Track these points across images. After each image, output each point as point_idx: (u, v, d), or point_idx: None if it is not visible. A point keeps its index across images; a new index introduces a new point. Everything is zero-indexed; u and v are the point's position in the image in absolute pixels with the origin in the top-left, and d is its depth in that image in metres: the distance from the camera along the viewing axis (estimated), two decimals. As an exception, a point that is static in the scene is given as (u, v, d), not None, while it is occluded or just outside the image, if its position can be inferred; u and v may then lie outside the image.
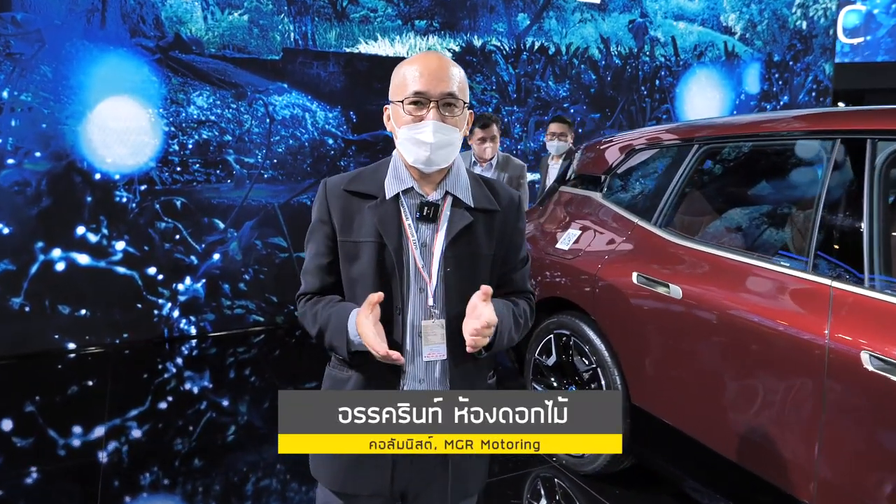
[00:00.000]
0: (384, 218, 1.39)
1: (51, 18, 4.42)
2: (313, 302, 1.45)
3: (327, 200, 1.43)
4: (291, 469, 3.12)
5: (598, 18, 6.56)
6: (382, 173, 1.43)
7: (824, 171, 2.01)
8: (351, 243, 1.41)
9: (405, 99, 1.34)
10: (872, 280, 1.81)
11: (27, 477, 3.07)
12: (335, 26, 5.33)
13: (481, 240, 1.43)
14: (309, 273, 1.47)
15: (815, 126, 2.18)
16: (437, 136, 1.33)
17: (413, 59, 1.39)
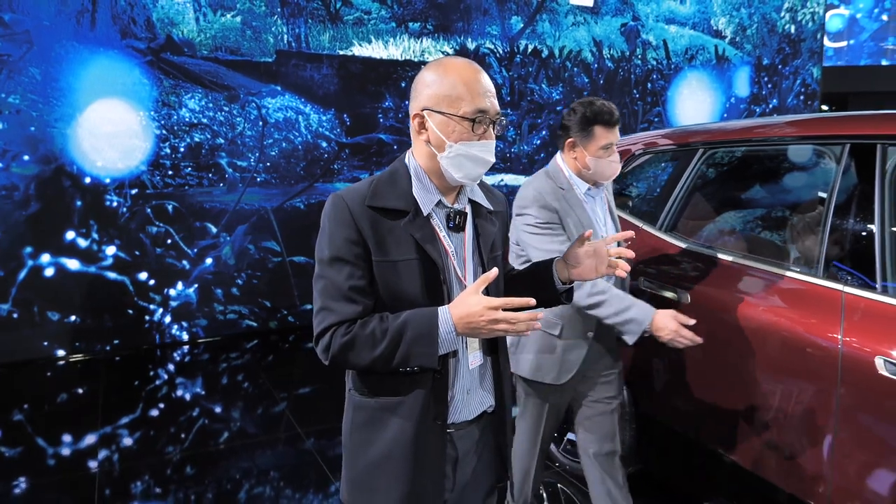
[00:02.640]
0: (424, 233, 1.35)
1: (40, 19, 4.37)
2: (360, 325, 1.32)
3: (354, 219, 1.33)
4: (285, 476, 3.13)
5: (590, 22, 6.62)
6: (403, 185, 1.38)
7: (834, 176, 2.01)
8: (390, 262, 1.33)
9: (473, 116, 1.32)
10: (885, 285, 1.81)
11: (21, 487, 3.04)
12: (329, 28, 5.33)
13: (498, 241, 1.49)
14: (341, 299, 1.33)
15: (824, 131, 2.18)
16: (494, 154, 1.38)
17: (458, 68, 1.35)
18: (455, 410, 1.41)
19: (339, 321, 1.31)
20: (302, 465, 3.23)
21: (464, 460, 1.45)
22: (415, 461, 1.37)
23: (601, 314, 2.04)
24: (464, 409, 1.42)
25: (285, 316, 5.40)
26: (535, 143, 6.38)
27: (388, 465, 1.38)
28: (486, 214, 1.46)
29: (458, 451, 1.44)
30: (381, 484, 1.39)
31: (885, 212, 1.85)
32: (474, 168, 1.35)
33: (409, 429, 1.36)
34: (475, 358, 1.41)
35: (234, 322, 5.21)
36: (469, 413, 1.43)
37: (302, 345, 5.16)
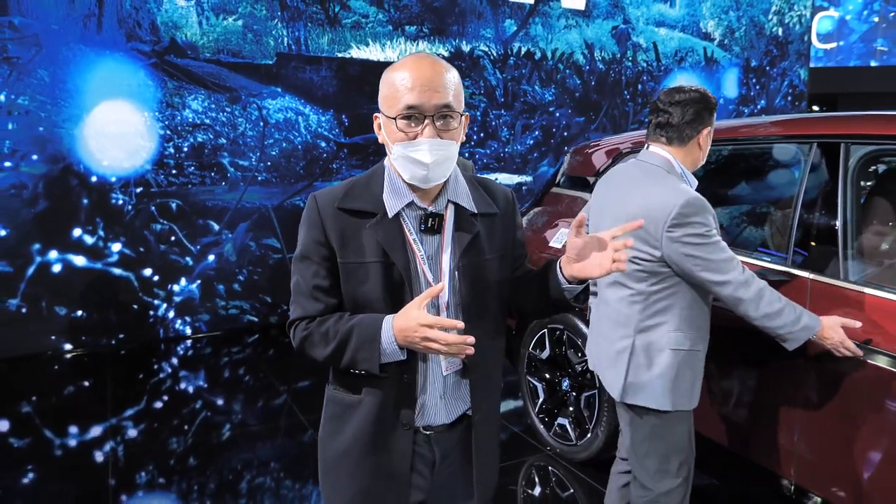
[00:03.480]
0: (388, 236, 1.31)
1: (48, 23, 4.47)
2: (318, 322, 1.33)
3: (322, 220, 1.32)
4: (287, 467, 3.21)
5: (582, 24, 6.72)
6: (377, 187, 1.34)
7: (802, 172, 2.17)
8: (354, 265, 1.31)
9: (397, 115, 1.24)
10: (846, 272, 1.97)
11: (31, 477, 3.12)
12: (327, 32, 5.43)
13: (485, 244, 1.38)
14: (306, 296, 1.35)
15: (795, 131, 2.34)
16: (435, 154, 1.24)
17: (403, 63, 1.28)
18: (429, 414, 1.38)
19: (303, 316, 1.35)
20: (302, 453, 3.33)
21: (443, 463, 1.43)
22: (373, 461, 1.37)
23: (777, 324, 1.82)
24: (440, 413, 1.39)
25: (285, 311, 5.49)
26: (529, 143, 6.52)
27: (347, 461, 1.39)
28: (469, 218, 1.36)
29: (437, 453, 1.42)
30: (341, 477, 1.41)
31: (846, 205, 2.00)
32: (416, 169, 1.27)
33: (370, 428, 1.36)
34: (449, 364, 1.37)
35: (236, 317, 5.32)
36: (447, 417, 1.40)
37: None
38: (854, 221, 2.01)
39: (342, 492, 1.41)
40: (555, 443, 3.11)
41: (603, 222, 2.02)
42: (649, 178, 1.92)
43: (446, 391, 1.38)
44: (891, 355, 1.80)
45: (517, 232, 1.48)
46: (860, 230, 2.03)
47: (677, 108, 1.92)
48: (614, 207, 1.99)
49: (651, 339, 1.90)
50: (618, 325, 1.96)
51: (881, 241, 2.18)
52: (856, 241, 2.00)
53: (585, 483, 2.93)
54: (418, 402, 1.36)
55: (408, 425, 1.35)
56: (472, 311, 1.35)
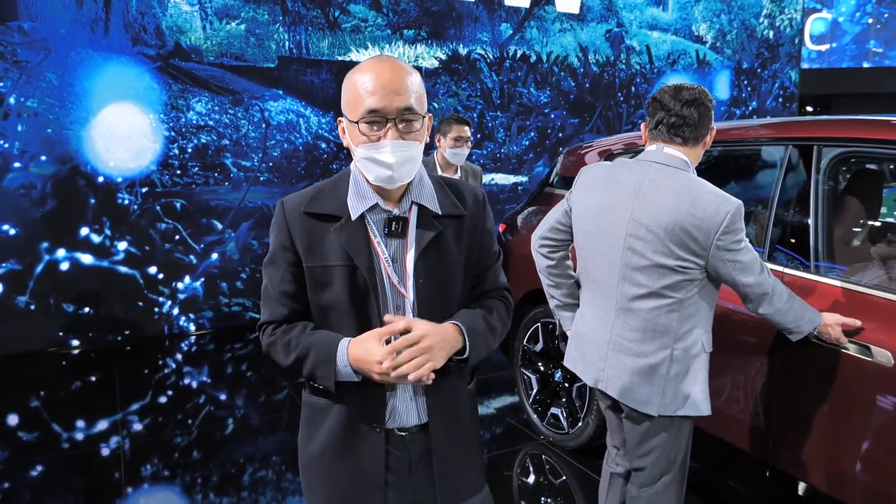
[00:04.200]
0: (352, 239, 1.31)
1: (56, 28, 4.59)
2: (283, 331, 1.36)
3: (288, 225, 1.34)
4: (289, 459, 3.25)
5: (576, 28, 6.83)
6: (343, 191, 1.35)
7: (779, 172, 2.30)
8: (319, 269, 1.33)
9: (360, 119, 1.25)
10: (817, 265, 2.11)
11: (39, 470, 3.19)
12: (328, 35, 5.54)
13: (451, 247, 1.37)
14: (273, 300, 1.37)
15: (774, 134, 2.48)
16: (398, 154, 1.26)
17: (364, 67, 1.27)
18: (401, 416, 1.38)
19: (270, 320, 1.38)
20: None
21: (419, 464, 1.42)
22: (346, 463, 1.39)
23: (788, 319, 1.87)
24: (412, 415, 1.39)
25: None
26: (524, 144, 6.64)
27: (322, 463, 1.41)
28: (432, 219, 1.36)
29: (412, 454, 1.41)
30: (317, 479, 1.43)
31: (818, 203, 2.14)
32: (380, 170, 1.27)
33: (340, 432, 1.38)
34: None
35: (238, 314, 5.43)
36: (419, 419, 1.40)
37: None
38: (825, 218, 2.14)
39: (319, 493, 1.43)
40: (548, 432, 3.23)
41: (616, 226, 1.90)
42: (680, 182, 1.83)
43: (416, 393, 1.38)
44: (858, 343, 1.94)
45: (485, 236, 1.44)
46: (831, 226, 2.16)
47: (691, 109, 1.86)
48: (637, 212, 1.86)
49: (686, 346, 1.86)
50: (654, 337, 1.86)
51: (851, 236, 2.32)
52: (826, 237, 2.14)
53: (577, 469, 3.05)
54: (388, 404, 1.37)
55: (378, 428, 1.36)
56: (433, 313, 1.33)
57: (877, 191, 2.42)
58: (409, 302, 1.33)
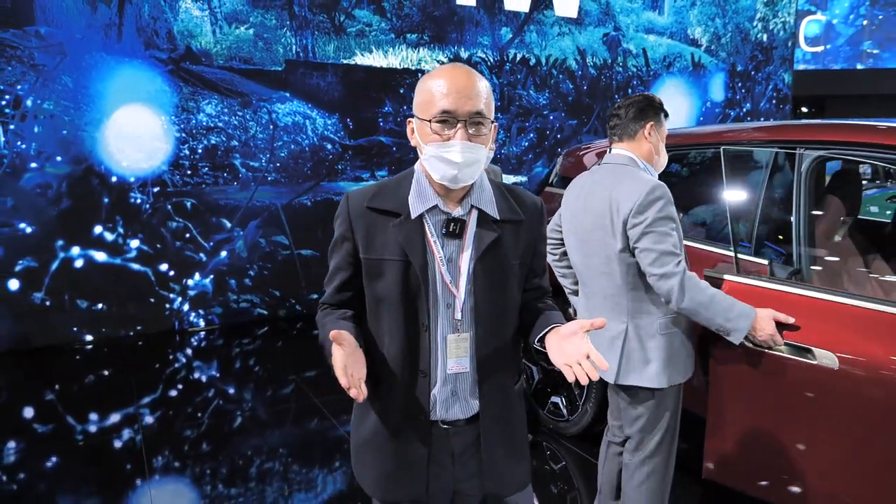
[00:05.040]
0: (409, 236, 1.36)
1: (72, 32, 4.72)
2: (326, 313, 1.45)
3: (350, 217, 1.40)
4: (296, 450, 3.40)
5: (574, 32, 6.97)
6: (405, 189, 1.40)
7: (765, 174, 2.47)
8: (375, 261, 1.38)
9: (432, 118, 1.31)
10: (800, 261, 2.27)
11: (58, 460, 3.29)
12: (333, 40, 5.67)
13: (508, 251, 1.41)
14: (330, 285, 1.47)
15: (761, 137, 2.64)
16: (465, 155, 1.30)
17: (439, 72, 1.34)
18: (443, 408, 1.42)
19: (323, 302, 1.49)
20: (310, 437, 3.54)
21: (462, 457, 1.46)
22: (392, 448, 1.44)
23: (711, 314, 1.95)
24: (454, 409, 1.43)
25: (293, 304, 5.76)
26: (524, 144, 6.79)
27: (371, 446, 1.48)
28: (491, 223, 1.40)
29: (454, 447, 1.45)
30: (367, 460, 1.50)
31: (800, 202, 2.30)
32: (446, 169, 1.32)
33: (388, 419, 1.44)
34: (455, 364, 1.40)
35: (247, 310, 5.57)
36: (462, 413, 1.44)
37: (308, 331, 5.43)
38: (807, 216, 2.30)
39: (368, 473, 1.50)
40: (549, 419, 3.39)
41: (581, 224, 2.16)
42: (618, 175, 2.07)
43: (457, 388, 1.42)
44: (800, 346, 2.00)
45: (540, 243, 1.50)
46: (812, 224, 2.33)
47: (623, 109, 2.16)
48: (589, 210, 2.11)
49: (641, 324, 2.05)
50: (612, 314, 2.08)
51: (833, 231, 2.49)
52: (808, 233, 2.30)
53: (577, 455, 3.19)
54: (432, 395, 1.41)
55: (423, 416, 1.41)
56: (486, 314, 1.39)
57: (856, 189, 2.58)
58: (458, 301, 1.38)
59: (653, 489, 2.16)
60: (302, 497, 2.96)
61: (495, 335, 1.42)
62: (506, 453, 1.48)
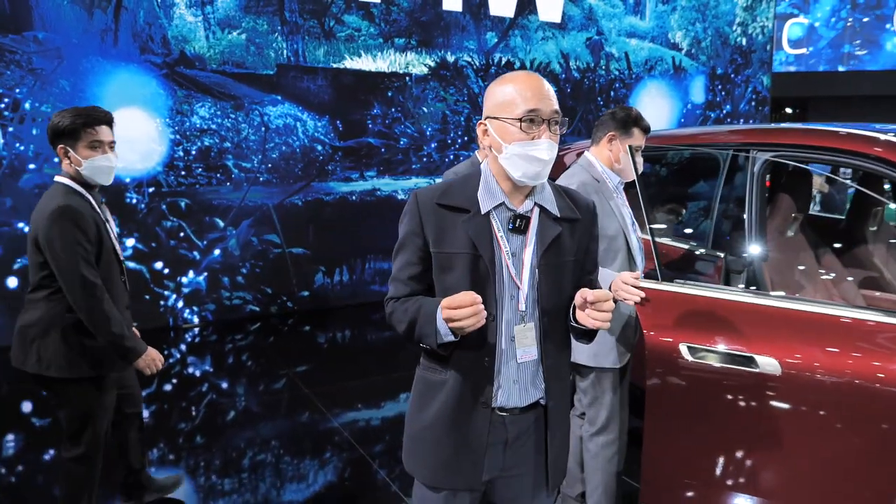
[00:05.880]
0: (479, 231, 1.43)
1: (69, 37, 4.85)
2: (402, 301, 1.48)
3: (420, 214, 1.46)
4: (288, 442, 3.50)
5: (558, 36, 7.11)
6: (473, 187, 1.47)
7: (721, 174, 2.67)
8: (445, 254, 1.44)
9: (521, 117, 1.38)
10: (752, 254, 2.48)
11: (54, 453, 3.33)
12: (323, 44, 5.81)
13: (567, 247, 1.49)
14: (399, 281, 1.50)
15: (720, 140, 2.84)
16: (550, 152, 1.40)
17: (514, 77, 1.43)
18: (504, 396, 1.48)
19: (392, 296, 1.52)
20: (300, 431, 3.68)
21: (514, 443, 1.51)
22: (454, 436, 1.48)
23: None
24: (513, 397, 1.48)
25: (285, 301, 5.90)
26: (509, 146, 6.98)
27: (431, 434, 1.51)
28: (552, 220, 1.48)
29: (509, 434, 1.50)
30: (425, 449, 1.53)
31: (752, 201, 2.50)
32: (530, 167, 1.39)
33: (452, 406, 1.48)
34: (524, 353, 1.46)
35: (239, 307, 5.69)
36: (520, 401, 1.49)
37: (299, 328, 5.59)
38: (759, 214, 2.50)
39: (425, 462, 1.53)
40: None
41: None
42: (566, 174, 2.40)
43: (520, 377, 1.48)
44: (742, 355, 2.03)
45: (592, 242, 1.57)
46: (765, 220, 2.53)
47: (600, 117, 2.46)
48: None
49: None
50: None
51: (785, 228, 2.69)
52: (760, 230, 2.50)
53: None
54: (496, 384, 1.47)
55: (486, 404, 1.47)
56: (548, 306, 1.47)
57: (807, 188, 2.79)
58: (522, 293, 1.46)
59: (606, 459, 2.37)
60: (294, 488, 3.05)
61: (556, 326, 1.49)
62: (560, 442, 1.56)
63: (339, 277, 6.12)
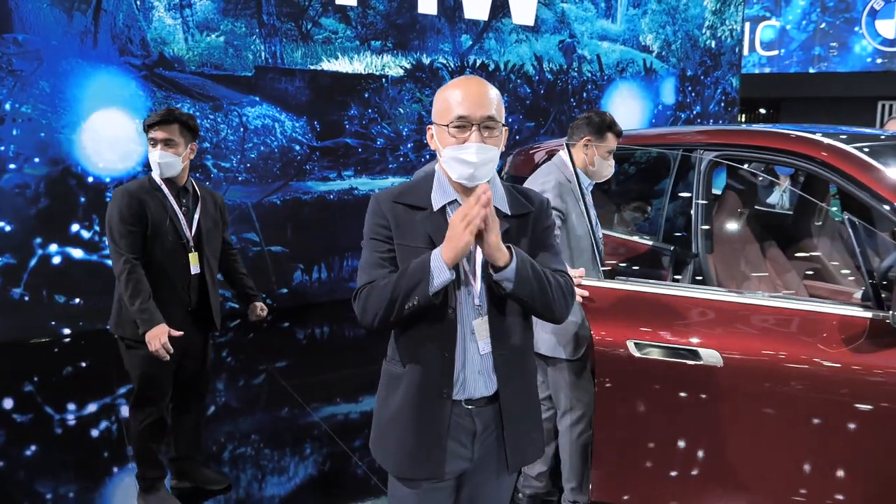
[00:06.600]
0: (435, 228, 1.49)
1: (48, 39, 4.91)
2: (374, 284, 1.49)
3: (382, 210, 1.53)
4: (264, 437, 3.57)
5: (531, 39, 7.27)
6: (426, 187, 1.55)
7: (671, 172, 2.85)
8: (405, 247, 1.50)
9: (450, 123, 1.45)
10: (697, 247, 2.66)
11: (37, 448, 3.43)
12: (301, 46, 5.91)
13: (516, 241, 1.52)
14: (372, 265, 1.52)
15: (672, 140, 3.02)
16: (480, 155, 1.44)
17: (455, 84, 1.50)
18: (468, 388, 1.53)
19: (368, 282, 1.51)
20: (280, 424, 3.78)
21: (482, 434, 1.56)
22: (416, 427, 1.53)
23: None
24: (477, 388, 1.53)
25: (264, 298, 5.90)
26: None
27: (395, 426, 1.56)
28: (501, 217, 1.51)
29: (477, 425, 1.55)
30: (389, 442, 1.58)
31: (698, 198, 2.68)
32: (463, 169, 1.46)
33: (414, 397, 1.53)
34: (485, 346, 1.52)
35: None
36: (486, 390, 1.54)
37: (278, 325, 5.68)
38: (705, 209, 2.68)
39: (389, 452, 1.58)
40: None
41: None
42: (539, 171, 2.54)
43: (483, 369, 1.53)
44: (686, 349, 2.09)
45: (543, 232, 1.60)
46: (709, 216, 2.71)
47: (575, 121, 2.56)
48: None
49: None
50: None
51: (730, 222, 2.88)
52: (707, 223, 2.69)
53: None
54: (458, 376, 1.52)
55: (447, 395, 1.51)
56: (499, 299, 1.51)
57: (752, 185, 2.98)
58: (476, 288, 1.51)
59: (572, 440, 2.52)
60: (276, 481, 3.13)
61: (510, 317, 1.54)
62: (525, 426, 1.60)
63: (318, 275, 6.24)
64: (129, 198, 2.53)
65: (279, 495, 3.04)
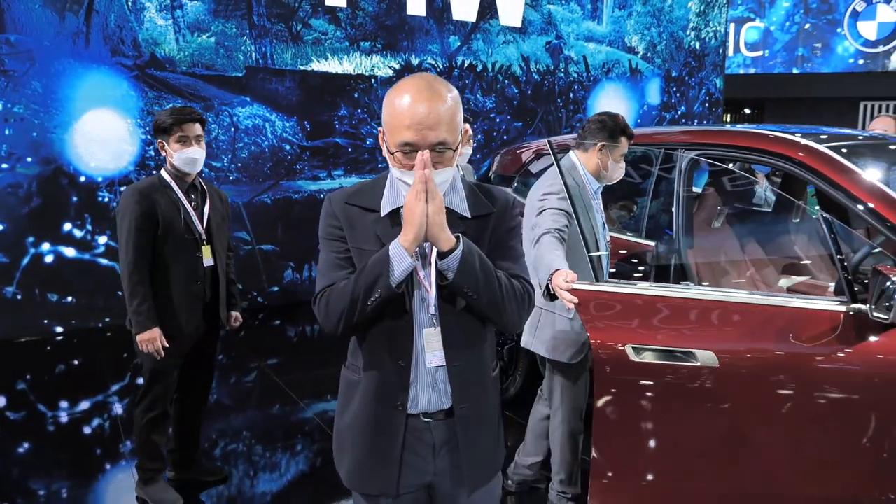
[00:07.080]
0: (386, 232, 1.40)
1: (41, 40, 4.94)
2: (334, 287, 1.41)
3: (334, 211, 1.45)
4: (256, 434, 3.59)
5: (519, 40, 7.36)
6: (379, 189, 1.45)
7: (653, 171, 2.95)
8: (357, 249, 1.42)
9: (396, 149, 1.32)
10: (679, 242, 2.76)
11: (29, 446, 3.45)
12: (291, 47, 5.97)
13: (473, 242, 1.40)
14: (330, 267, 1.45)
15: (654, 140, 3.13)
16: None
17: (404, 94, 1.31)
18: (423, 402, 1.45)
19: (328, 284, 1.43)
20: (272, 420, 3.83)
21: (442, 449, 1.48)
22: (368, 439, 1.47)
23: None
24: (433, 401, 1.45)
25: (255, 297, 6.04)
26: (472, 146, 7.21)
27: (351, 434, 1.50)
28: (457, 219, 1.41)
29: (436, 439, 1.47)
30: (344, 451, 1.53)
31: (679, 195, 2.79)
32: (407, 192, 1.35)
33: (369, 407, 1.46)
34: (433, 357, 1.42)
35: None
36: (441, 405, 1.46)
37: (269, 322, 5.74)
38: (686, 206, 2.79)
39: (342, 463, 1.54)
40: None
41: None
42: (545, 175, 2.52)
43: (437, 381, 1.44)
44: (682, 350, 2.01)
45: (505, 233, 1.48)
46: (691, 213, 2.82)
47: (588, 124, 2.47)
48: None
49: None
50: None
51: (711, 219, 2.99)
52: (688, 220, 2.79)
53: (508, 418, 3.56)
54: (412, 389, 1.44)
55: (401, 408, 1.44)
56: (454, 307, 1.42)
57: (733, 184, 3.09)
58: (431, 297, 1.40)
59: (563, 434, 2.58)
60: (269, 475, 3.16)
61: (465, 327, 1.44)
62: (483, 442, 1.51)
63: (308, 273, 6.30)
64: (140, 196, 2.57)
65: (273, 488, 3.08)
